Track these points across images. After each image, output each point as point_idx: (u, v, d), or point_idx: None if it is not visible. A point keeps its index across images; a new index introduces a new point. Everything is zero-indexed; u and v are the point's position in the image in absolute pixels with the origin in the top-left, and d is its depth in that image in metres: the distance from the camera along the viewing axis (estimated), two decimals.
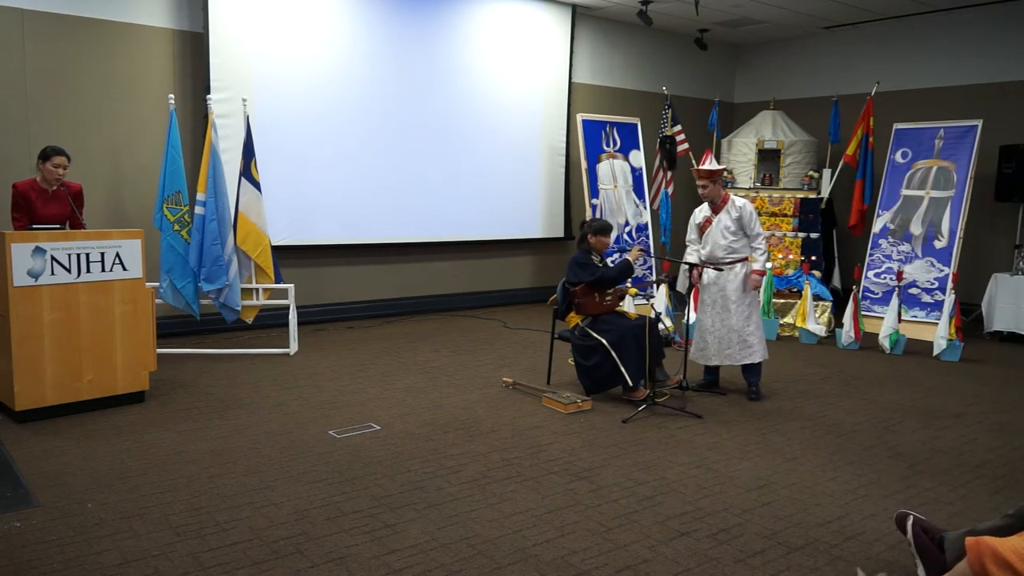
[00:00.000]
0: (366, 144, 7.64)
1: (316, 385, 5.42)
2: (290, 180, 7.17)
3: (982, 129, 7.55)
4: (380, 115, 7.69)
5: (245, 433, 4.37)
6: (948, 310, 6.72)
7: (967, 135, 7.61)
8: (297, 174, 7.23)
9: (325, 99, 7.34)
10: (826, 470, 4.03)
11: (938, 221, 7.62)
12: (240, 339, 6.74)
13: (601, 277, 5.20)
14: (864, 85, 8.50)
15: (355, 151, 7.57)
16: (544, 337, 6.04)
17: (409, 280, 8.23)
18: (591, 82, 9.40)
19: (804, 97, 9.88)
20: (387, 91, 7.71)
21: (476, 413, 4.84)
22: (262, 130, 6.81)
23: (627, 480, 3.81)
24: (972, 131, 7.58)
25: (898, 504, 3.57)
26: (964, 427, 4.83)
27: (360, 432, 4.42)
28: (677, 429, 4.64)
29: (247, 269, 6.27)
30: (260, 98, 6.90)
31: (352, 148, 7.55)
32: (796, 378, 5.97)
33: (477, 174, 8.42)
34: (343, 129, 7.47)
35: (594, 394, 5.19)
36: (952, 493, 3.77)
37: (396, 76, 7.75)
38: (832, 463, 4.14)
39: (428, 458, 4.03)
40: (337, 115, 7.43)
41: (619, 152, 8.77)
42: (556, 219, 9.15)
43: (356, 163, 7.58)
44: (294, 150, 7.19)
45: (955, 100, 8.56)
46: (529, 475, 3.84)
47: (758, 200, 8.20)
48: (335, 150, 7.44)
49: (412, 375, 5.75)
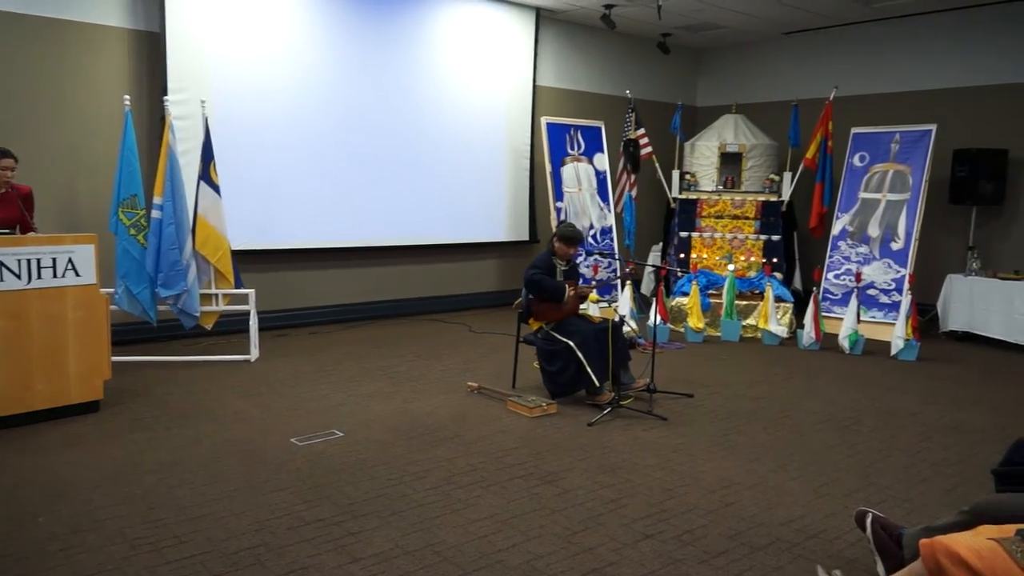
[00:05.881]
0: (328, 147, 7.57)
1: (277, 392, 5.35)
2: (250, 183, 7.07)
3: (936, 133, 7.73)
4: (343, 117, 7.63)
5: (203, 442, 4.30)
6: (905, 310, 6.87)
7: (922, 139, 7.79)
8: (257, 177, 7.13)
9: (286, 101, 7.25)
10: (788, 470, 4.09)
11: (895, 223, 7.78)
12: (199, 346, 6.64)
13: (539, 281, 5.24)
14: (823, 90, 8.64)
15: (317, 154, 7.49)
16: (509, 341, 6.04)
17: (372, 284, 8.17)
18: (555, 85, 9.43)
19: (765, 101, 10.03)
20: (350, 93, 7.65)
21: (441, 418, 4.82)
22: (221, 132, 6.70)
23: (592, 483, 3.82)
24: (927, 135, 7.76)
25: (858, 502, 3.63)
26: (921, 425, 4.93)
27: (323, 439, 4.37)
28: (642, 431, 4.66)
29: (206, 274, 6.18)
30: (219, 100, 6.80)
31: (314, 151, 7.47)
32: (759, 379, 6.04)
33: (441, 177, 8.39)
34: (305, 131, 7.39)
35: (559, 398, 5.20)
36: (910, 490, 3.85)
37: (359, 78, 7.69)
38: (794, 463, 4.20)
39: (392, 464, 4.00)
40: (298, 117, 7.34)
41: (583, 155, 8.81)
42: (521, 222, 9.16)
43: (318, 166, 7.51)
44: (254, 153, 7.09)
45: (911, 105, 8.76)
46: (494, 480, 3.83)
47: (720, 203, 8.30)
48: (296, 153, 7.36)
49: (376, 380, 5.71)
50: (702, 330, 7.47)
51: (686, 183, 8.65)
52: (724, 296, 7.60)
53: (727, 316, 7.58)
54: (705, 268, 8.15)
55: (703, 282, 7.85)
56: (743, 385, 5.85)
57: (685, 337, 7.53)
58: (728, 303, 7.55)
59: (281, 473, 3.86)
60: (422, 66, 8.12)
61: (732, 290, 7.55)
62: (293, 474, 3.85)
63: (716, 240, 8.30)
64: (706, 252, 8.30)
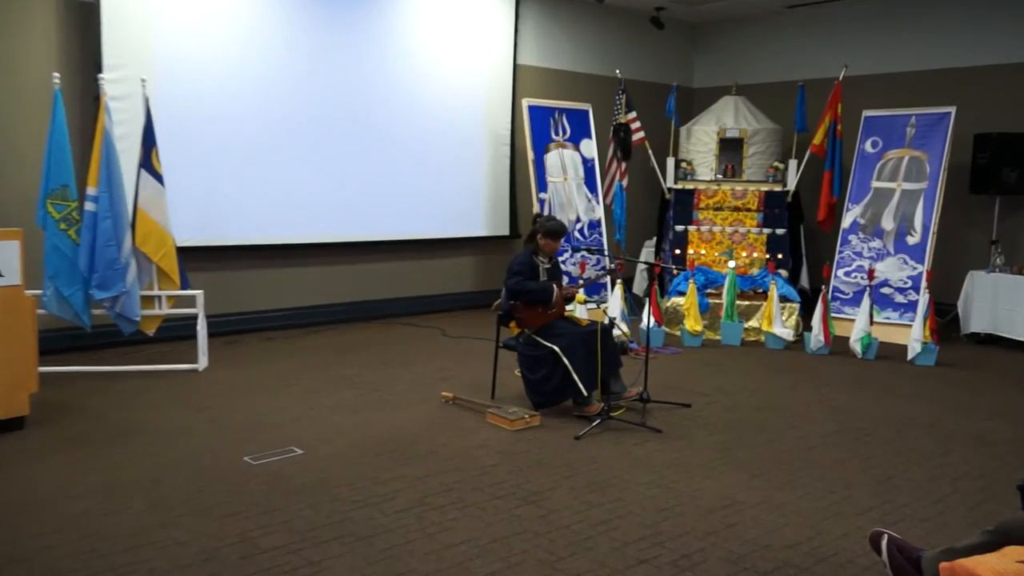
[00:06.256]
0: (286, 132, 7.53)
1: (229, 405, 5.32)
2: (199, 172, 7.02)
3: (956, 116, 7.80)
4: (303, 100, 7.59)
5: (145, 463, 4.26)
6: (922, 311, 6.94)
7: (940, 123, 7.88)
8: (206, 165, 7.08)
9: (239, 81, 7.20)
10: (795, 487, 4.12)
11: (911, 215, 7.87)
12: (140, 354, 6.58)
13: (523, 289, 5.23)
14: (832, 69, 8.70)
15: (274, 140, 7.45)
16: (488, 346, 6.04)
17: (336, 285, 8.14)
18: (538, 64, 9.45)
19: (768, 82, 10.10)
20: (312, 74, 7.62)
21: (412, 433, 4.81)
22: (165, 115, 6.63)
23: (580, 503, 3.83)
24: (945, 118, 7.85)
25: (872, 522, 3.66)
26: (940, 437, 4.99)
27: (280, 457, 4.35)
28: (634, 445, 4.68)
29: (148, 274, 6.14)
30: (163, 78, 6.73)
31: (271, 136, 7.43)
32: (762, 387, 6.09)
33: (412, 166, 8.37)
34: (260, 115, 7.35)
35: (543, 409, 5.21)
36: (929, 509, 3.89)
37: (321, 58, 7.66)
38: (801, 479, 4.23)
39: (358, 485, 3.99)
40: (253, 99, 7.30)
41: (569, 141, 8.84)
42: (501, 215, 9.17)
43: (276, 153, 7.47)
44: (203, 138, 7.04)
45: (928, 85, 8.84)
46: (471, 500, 3.83)
47: (720, 193, 8.35)
48: (251, 138, 7.31)
49: (340, 391, 5.69)
50: (700, 333, 7.52)
51: (682, 172, 8.70)
52: (724, 296, 7.65)
53: (727, 318, 7.63)
54: (703, 265, 8.21)
55: (701, 281, 7.90)
56: (745, 394, 5.89)
57: (681, 341, 7.58)
58: (728, 303, 7.61)
59: (233, 496, 3.83)
60: (390, 44, 8.10)
61: (733, 289, 7.61)
62: (246, 497, 3.82)
63: (715, 234, 8.36)
64: (704, 248, 8.36)
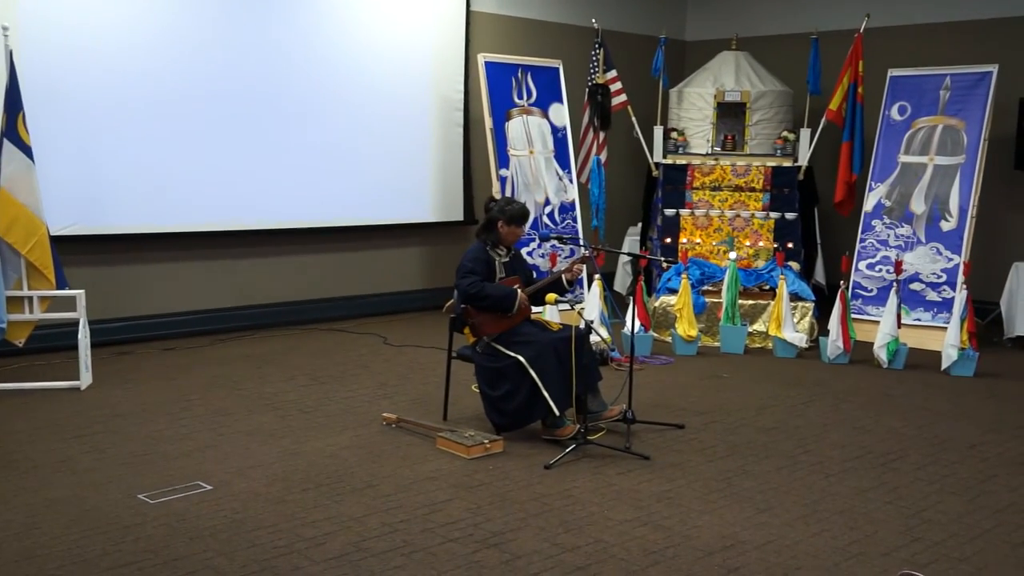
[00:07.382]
0: (189, 96, 7.48)
1: (119, 431, 5.27)
2: (79, 144, 6.96)
3: (998, 77, 7.89)
4: (210, 57, 7.55)
5: (14, 502, 4.21)
6: (959, 311, 7.02)
7: (979, 84, 7.98)
8: (89, 136, 7.02)
9: (132, 33, 7.15)
10: (809, 523, 4.16)
11: (944, 196, 7.95)
12: (7, 370, 6.51)
13: (479, 294, 5.21)
14: (851, 20, 8.79)
15: (173, 104, 7.40)
16: (439, 356, 6.03)
17: (251, 283, 8.09)
18: (497, 11, 9.45)
19: (776, 34, 10.18)
20: (218, 27, 7.58)
21: (346, 463, 4.80)
22: (35, 72, 6.57)
23: (551, 546, 3.83)
24: (986, 79, 7.94)
25: (900, 564, 3.71)
26: (980, 461, 5.08)
27: (183, 494, 4.32)
28: (617, 475, 4.70)
29: (15, 270, 6.09)
30: (30, 25, 6.64)
31: (169, 100, 7.38)
32: (770, 403, 6.15)
33: (344, 138, 8.36)
34: (157, 75, 7.30)
35: (506, 432, 5.21)
36: (968, 547, 3.95)
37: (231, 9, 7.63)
38: (816, 513, 4.28)
39: (280, 527, 3.97)
40: (148, 56, 7.24)
41: (535, 106, 8.84)
42: (453, 197, 9.17)
43: (174, 122, 7.42)
44: (84, 101, 6.98)
45: (965, 39, 8.93)
46: (420, 545, 3.82)
47: (718, 170, 8.40)
48: (145, 102, 7.26)
49: (257, 413, 5.66)
50: (695, 339, 7.56)
51: (672, 144, 8.75)
52: (724, 294, 7.69)
53: (727, 320, 7.67)
54: (698, 257, 8.25)
55: (696, 275, 7.95)
56: (750, 411, 5.94)
57: (673, 349, 7.63)
58: (729, 303, 7.65)
59: (124, 542, 3.79)
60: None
61: (734, 286, 7.65)
62: (142, 543, 3.79)
63: (713, 219, 8.41)
64: (699, 236, 8.40)
